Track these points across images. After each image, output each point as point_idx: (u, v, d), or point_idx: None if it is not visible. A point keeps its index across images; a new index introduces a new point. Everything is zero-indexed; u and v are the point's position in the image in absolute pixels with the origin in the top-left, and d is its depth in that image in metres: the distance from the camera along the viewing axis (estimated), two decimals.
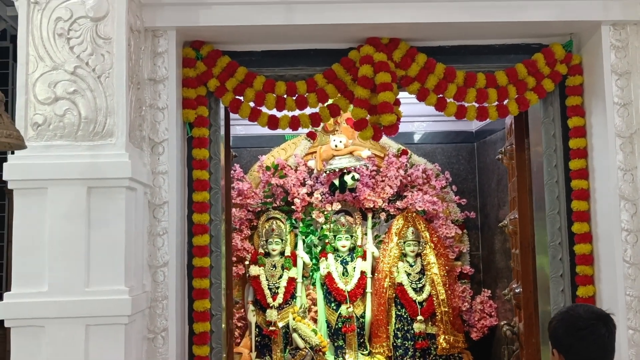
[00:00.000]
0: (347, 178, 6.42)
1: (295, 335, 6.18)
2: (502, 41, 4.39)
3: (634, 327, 3.92)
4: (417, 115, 6.84)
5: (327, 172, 6.47)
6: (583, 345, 2.35)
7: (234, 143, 6.97)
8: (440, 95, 4.32)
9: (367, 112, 4.21)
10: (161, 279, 3.91)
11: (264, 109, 4.34)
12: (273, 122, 4.33)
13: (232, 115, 4.56)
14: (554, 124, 4.38)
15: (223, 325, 4.32)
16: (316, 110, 4.35)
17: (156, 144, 3.96)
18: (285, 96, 4.29)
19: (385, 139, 6.73)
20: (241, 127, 7.18)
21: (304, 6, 4.01)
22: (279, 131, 6.61)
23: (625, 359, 3.93)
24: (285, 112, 4.35)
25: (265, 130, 6.76)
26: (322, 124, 6.16)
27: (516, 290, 4.92)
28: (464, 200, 6.74)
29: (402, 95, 4.34)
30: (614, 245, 4.04)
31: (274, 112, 4.38)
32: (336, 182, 6.47)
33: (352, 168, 6.42)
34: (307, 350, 6.15)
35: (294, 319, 6.20)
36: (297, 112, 4.35)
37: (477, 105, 4.34)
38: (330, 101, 4.33)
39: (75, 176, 3.42)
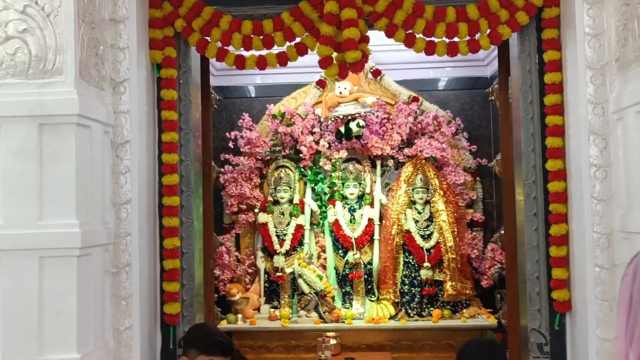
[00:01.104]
0: (353, 125, 6.37)
1: (300, 280, 6.23)
2: None
3: (601, 265, 3.79)
4: (429, 62, 6.68)
5: (333, 119, 6.44)
6: None
7: (247, 93, 7.05)
8: (409, 31, 4.23)
9: (332, 50, 4.17)
10: (124, 215, 4.02)
11: (231, 49, 4.34)
12: (240, 62, 4.35)
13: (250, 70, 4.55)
14: (530, 59, 4.24)
15: (196, 264, 4.41)
16: (283, 49, 4.32)
17: (117, 83, 4.04)
18: (252, 36, 4.28)
19: (396, 86, 6.66)
20: (259, 77, 7.21)
21: None
22: (291, 80, 6.77)
23: (592, 296, 3.82)
24: (252, 51, 4.34)
25: (278, 79, 6.89)
26: None
27: (501, 232, 4.82)
28: (474, 147, 6.58)
29: None
30: (583, 181, 3.89)
31: (242, 51, 4.37)
32: (342, 129, 6.43)
33: (358, 115, 6.36)
34: (312, 295, 6.20)
35: (299, 265, 6.25)
36: (264, 52, 4.32)
37: (447, 40, 4.22)
38: (297, 40, 4.30)
39: (25, 113, 3.52)
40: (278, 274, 6.36)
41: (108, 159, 3.98)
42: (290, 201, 6.58)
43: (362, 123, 6.37)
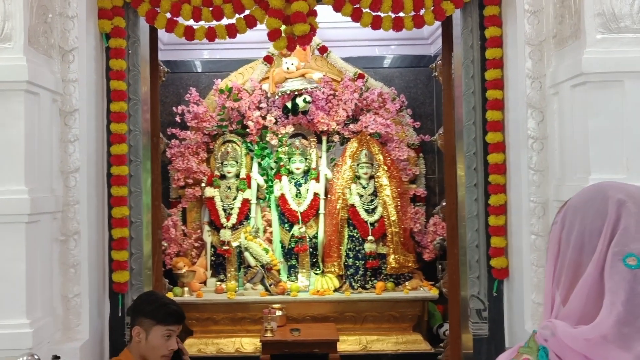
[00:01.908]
0: (299, 100, 6.46)
1: (246, 253, 6.31)
2: None
3: (537, 233, 3.97)
4: (375, 39, 6.81)
5: (280, 94, 6.50)
6: None
7: (194, 68, 7.05)
8: (356, 6, 4.31)
9: (281, 23, 4.23)
10: (73, 184, 4.02)
11: (180, 20, 4.36)
12: (189, 33, 4.37)
13: (197, 41, 4.50)
14: (472, 35, 4.38)
15: (145, 234, 4.44)
16: (232, 21, 4.36)
17: (66, 52, 4.02)
18: (201, 7, 4.30)
19: (342, 63, 6.77)
20: (207, 52, 7.22)
21: None
22: (239, 55, 6.80)
23: (527, 263, 4.00)
24: (202, 23, 4.37)
25: (226, 55, 6.90)
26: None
27: (443, 204, 4.98)
28: (418, 123, 6.75)
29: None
30: (521, 152, 4.07)
31: (191, 23, 4.39)
32: (288, 104, 6.51)
33: (304, 90, 6.44)
34: (257, 268, 6.28)
35: (245, 238, 6.32)
36: (213, 23, 4.36)
37: (393, 15, 4.32)
38: (246, 12, 4.34)
39: None
40: (224, 247, 6.43)
41: (56, 127, 3.98)
42: (237, 176, 6.64)
43: (308, 99, 6.46)
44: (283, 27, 4.27)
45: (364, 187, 6.53)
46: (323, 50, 6.63)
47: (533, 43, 4.02)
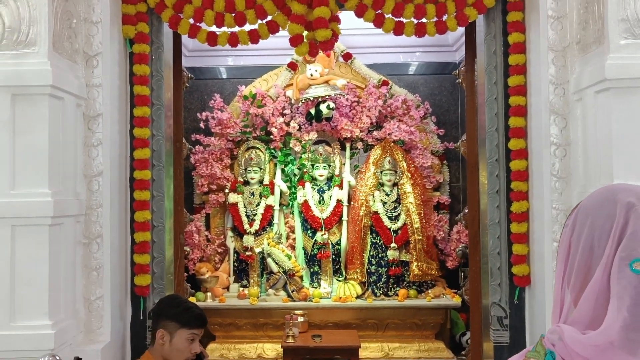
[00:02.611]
0: (323, 107, 6.46)
1: (269, 259, 6.32)
2: None
3: (558, 240, 3.91)
4: (400, 46, 6.80)
5: (303, 101, 6.52)
6: None
7: (219, 74, 7.10)
8: (379, 11, 4.31)
9: (303, 28, 4.25)
10: (96, 187, 4.08)
11: (203, 26, 4.40)
12: (212, 39, 4.41)
13: (223, 47, 4.56)
14: (495, 41, 4.36)
15: (167, 238, 4.48)
16: (255, 26, 4.39)
17: (90, 57, 4.08)
18: (224, 13, 4.34)
19: (366, 70, 6.76)
20: (231, 58, 7.28)
21: None
22: (263, 62, 6.84)
23: (549, 270, 3.96)
24: (224, 28, 4.40)
25: (250, 61, 6.95)
26: (301, 57, 6.26)
27: (465, 211, 4.95)
28: (442, 130, 6.72)
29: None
30: (543, 159, 4.03)
31: (214, 29, 4.43)
32: (312, 111, 6.52)
33: (328, 97, 6.45)
34: (280, 275, 6.29)
35: (268, 244, 6.34)
36: (236, 29, 4.39)
37: (415, 21, 4.32)
38: (269, 18, 4.36)
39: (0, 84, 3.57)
40: (247, 253, 6.44)
41: (80, 131, 4.04)
42: (261, 182, 6.65)
43: (332, 105, 6.46)
44: (305, 33, 4.28)
45: (387, 194, 6.51)
46: (347, 57, 6.65)
47: (556, 49, 3.99)
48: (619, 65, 3.41)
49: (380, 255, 6.40)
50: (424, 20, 4.32)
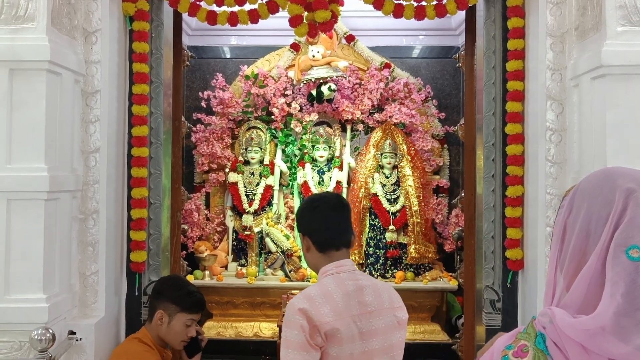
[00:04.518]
0: (324, 88, 6.46)
1: (267, 239, 6.35)
2: None
3: (552, 225, 3.92)
4: (403, 29, 6.78)
5: (305, 82, 6.52)
6: (318, 218, 2.46)
7: (222, 54, 7.10)
8: None
9: (303, 9, 4.25)
10: (93, 164, 4.10)
11: (203, 4, 4.40)
12: (212, 18, 4.40)
13: (226, 27, 4.56)
14: (495, 25, 4.35)
15: (164, 215, 4.51)
16: (255, 6, 4.38)
17: (89, 33, 4.09)
18: None
19: (369, 52, 6.75)
20: (234, 38, 7.27)
21: None
22: (266, 42, 6.83)
23: (542, 255, 3.97)
24: (224, 7, 4.40)
25: (253, 42, 6.94)
26: (303, 37, 6.26)
27: (462, 195, 4.97)
28: (443, 114, 6.72)
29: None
30: (539, 144, 4.04)
31: (215, 8, 4.43)
32: (313, 92, 6.52)
33: (329, 78, 6.45)
34: (278, 254, 6.33)
35: (267, 224, 6.37)
36: (236, 8, 4.39)
37: (415, 4, 4.31)
38: None
39: None
40: (246, 232, 6.47)
41: (78, 107, 4.05)
42: (261, 162, 6.68)
43: (333, 87, 6.46)
44: (305, 14, 4.28)
45: (386, 177, 6.52)
46: (350, 39, 6.64)
47: (555, 35, 3.98)
48: (616, 52, 3.40)
49: (378, 237, 6.43)
50: (423, 3, 4.30)
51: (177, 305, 3.30)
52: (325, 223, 2.52)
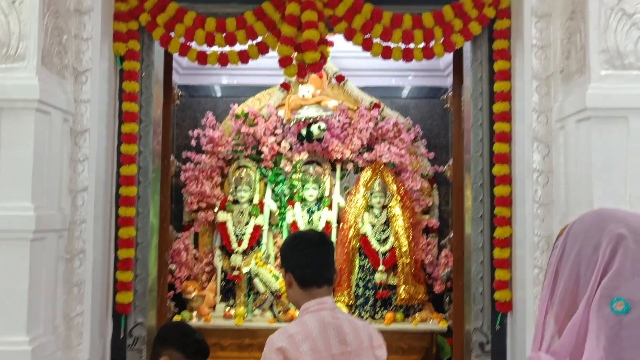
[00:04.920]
0: (314, 128, 6.49)
1: (256, 280, 6.32)
2: None
3: (540, 266, 3.94)
4: (392, 70, 6.84)
5: (295, 121, 6.55)
6: (300, 254, 2.47)
7: (213, 92, 7.14)
8: (367, 36, 4.36)
9: (292, 50, 4.29)
10: (80, 203, 4.08)
11: (194, 45, 4.44)
12: (202, 58, 4.44)
13: (217, 66, 4.60)
14: (482, 67, 4.41)
15: (152, 256, 4.48)
16: (245, 47, 4.43)
17: (80, 73, 4.12)
18: (215, 33, 4.38)
19: (359, 92, 6.80)
20: (225, 77, 7.31)
21: None
22: (257, 82, 6.88)
23: (531, 296, 3.97)
24: (215, 48, 4.44)
25: (244, 80, 6.99)
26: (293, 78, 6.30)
27: (451, 235, 4.97)
28: (432, 154, 6.75)
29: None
30: (526, 186, 4.06)
31: (205, 48, 4.47)
32: (303, 131, 6.55)
33: (319, 118, 6.48)
34: (267, 295, 6.29)
35: (256, 264, 6.34)
36: (226, 49, 4.43)
37: (403, 46, 4.36)
38: (259, 39, 4.41)
39: None
40: (235, 272, 6.43)
41: (67, 146, 4.05)
42: (250, 201, 6.67)
43: (323, 126, 6.49)
44: (295, 55, 4.32)
45: (376, 217, 6.52)
46: (340, 78, 6.70)
47: (540, 77, 4.04)
48: (600, 95, 3.44)
49: (367, 278, 6.40)
50: (411, 45, 4.35)
51: (183, 352, 3.26)
52: (307, 260, 2.52)
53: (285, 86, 6.76)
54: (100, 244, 4.22)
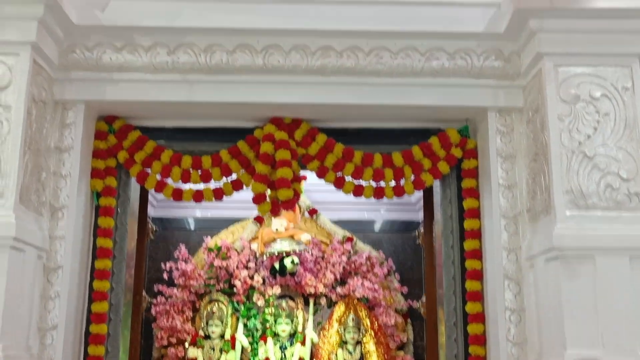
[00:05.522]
0: (287, 262, 6.50)
1: None
2: (401, 124, 4.59)
3: None
4: (364, 204, 6.96)
5: (268, 255, 6.57)
6: None
7: (187, 225, 7.19)
8: (339, 174, 4.49)
9: (266, 187, 4.39)
10: (49, 342, 4.02)
11: (170, 182, 4.52)
12: (177, 195, 4.52)
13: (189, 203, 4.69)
14: (451, 205, 4.52)
15: None
16: (219, 184, 4.52)
17: (56, 209, 4.15)
18: (190, 170, 4.48)
19: (331, 226, 6.88)
20: (199, 210, 7.38)
21: (203, 85, 4.25)
22: (230, 214, 6.95)
23: None
24: (190, 185, 4.52)
25: (218, 213, 7.05)
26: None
27: None
28: (405, 288, 6.76)
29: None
30: (499, 324, 4.07)
31: (180, 184, 4.55)
32: (276, 265, 6.55)
33: (292, 252, 6.51)
34: None
35: None
36: (201, 186, 4.51)
37: (374, 184, 4.49)
38: (233, 176, 4.51)
39: None
40: None
41: (39, 283, 4.03)
42: (222, 336, 6.54)
43: (296, 260, 6.50)
44: (268, 192, 4.42)
45: (350, 353, 6.42)
46: (312, 212, 6.79)
47: (508, 216, 4.15)
48: (566, 235, 3.55)
49: None
50: (382, 183, 4.48)
51: None
52: None
53: (259, 219, 6.82)
54: None
